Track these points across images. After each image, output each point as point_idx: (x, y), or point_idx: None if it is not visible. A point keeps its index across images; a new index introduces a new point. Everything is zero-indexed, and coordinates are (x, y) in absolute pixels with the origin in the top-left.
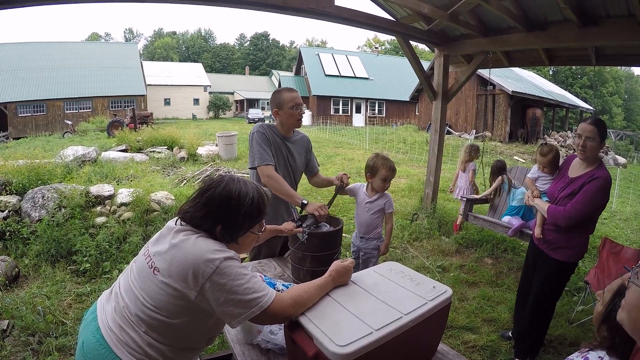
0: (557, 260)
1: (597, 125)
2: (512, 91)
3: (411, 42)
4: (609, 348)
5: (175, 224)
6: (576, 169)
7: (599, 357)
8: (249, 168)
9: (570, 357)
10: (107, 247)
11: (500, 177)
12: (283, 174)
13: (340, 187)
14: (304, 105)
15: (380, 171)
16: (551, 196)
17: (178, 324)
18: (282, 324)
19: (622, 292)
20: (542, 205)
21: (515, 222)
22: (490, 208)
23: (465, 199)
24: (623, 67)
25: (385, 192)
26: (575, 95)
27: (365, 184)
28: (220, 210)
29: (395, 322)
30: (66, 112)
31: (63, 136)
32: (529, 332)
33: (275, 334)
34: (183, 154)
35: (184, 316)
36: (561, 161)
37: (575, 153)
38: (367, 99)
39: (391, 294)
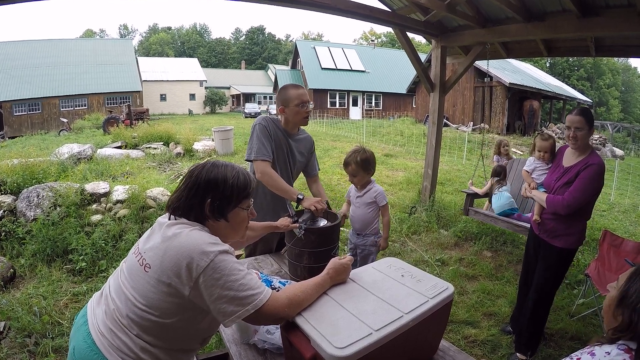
0: (559, 247)
1: (583, 115)
2: (510, 83)
3: (408, 33)
4: (631, 331)
5: (169, 219)
6: (570, 158)
7: (606, 352)
8: (245, 160)
9: (575, 353)
10: (103, 245)
11: (491, 180)
12: (281, 170)
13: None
14: (311, 102)
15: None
16: (548, 186)
17: (171, 324)
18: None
19: (638, 273)
20: (540, 196)
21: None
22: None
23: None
24: (620, 59)
25: (375, 184)
26: (572, 87)
27: None
28: (208, 184)
29: (396, 321)
30: (62, 109)
31: (59, 134)
32: (530, 325)
33: (272, 333)
34: (179, 149)
35: (176, 315)
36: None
37: (567, 144)
38: (364, 92)
39: (391, 292)
